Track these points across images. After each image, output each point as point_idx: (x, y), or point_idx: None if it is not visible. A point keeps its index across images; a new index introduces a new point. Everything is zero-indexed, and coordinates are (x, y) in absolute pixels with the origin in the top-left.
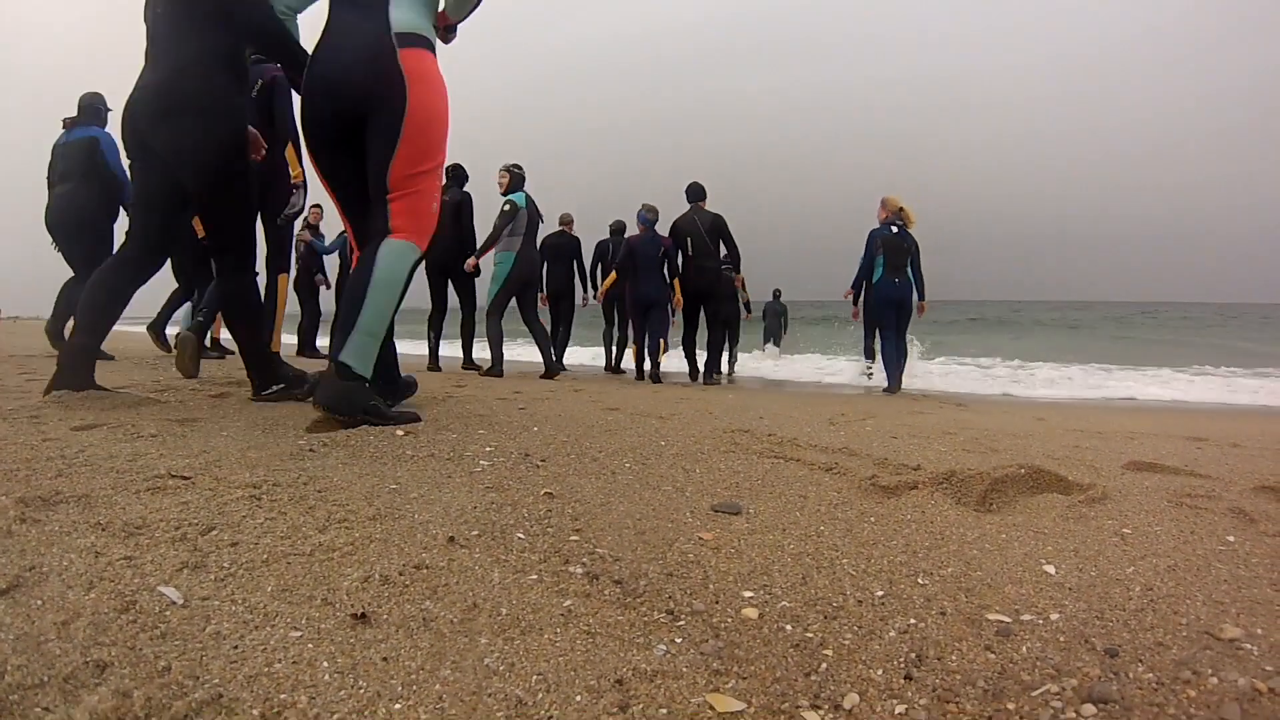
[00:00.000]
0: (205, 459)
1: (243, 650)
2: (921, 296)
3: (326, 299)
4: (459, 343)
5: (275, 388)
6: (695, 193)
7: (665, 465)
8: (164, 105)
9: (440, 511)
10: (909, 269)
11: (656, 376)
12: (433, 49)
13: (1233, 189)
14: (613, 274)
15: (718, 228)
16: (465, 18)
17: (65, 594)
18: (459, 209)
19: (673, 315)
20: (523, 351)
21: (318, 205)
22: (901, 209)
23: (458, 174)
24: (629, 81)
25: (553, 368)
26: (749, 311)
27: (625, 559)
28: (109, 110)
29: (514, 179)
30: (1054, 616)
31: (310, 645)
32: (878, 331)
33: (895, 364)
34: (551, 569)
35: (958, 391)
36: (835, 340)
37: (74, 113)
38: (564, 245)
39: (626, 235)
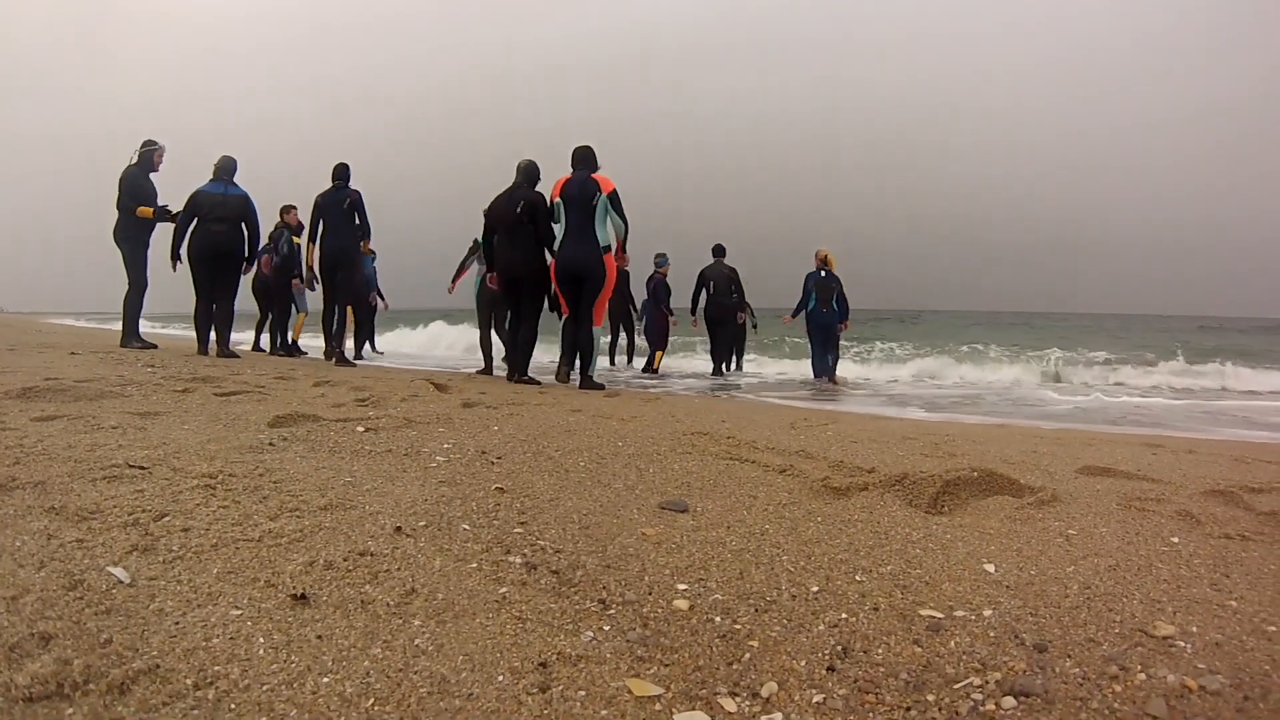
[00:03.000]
0: (164, 450)
1: (183, 626)
2: (844, 318)
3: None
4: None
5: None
6: (718, 250)
7: (620, 464)
8: (521, 265)
9: (391, 503)
10: (834, 300)
11: (653, 366)
12: (610, 249)
13: (1232, 197)
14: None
15: (733, 277)
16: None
17: (16, 572)
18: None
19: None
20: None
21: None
22: (826, 257)
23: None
24: (600, 80)
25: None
26: (755, 329)
27: (566, 551)
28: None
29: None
30: (987, 613)
31: (249, 623)
32: (818, 346)
33: (831, 367)
34: (492, 558)
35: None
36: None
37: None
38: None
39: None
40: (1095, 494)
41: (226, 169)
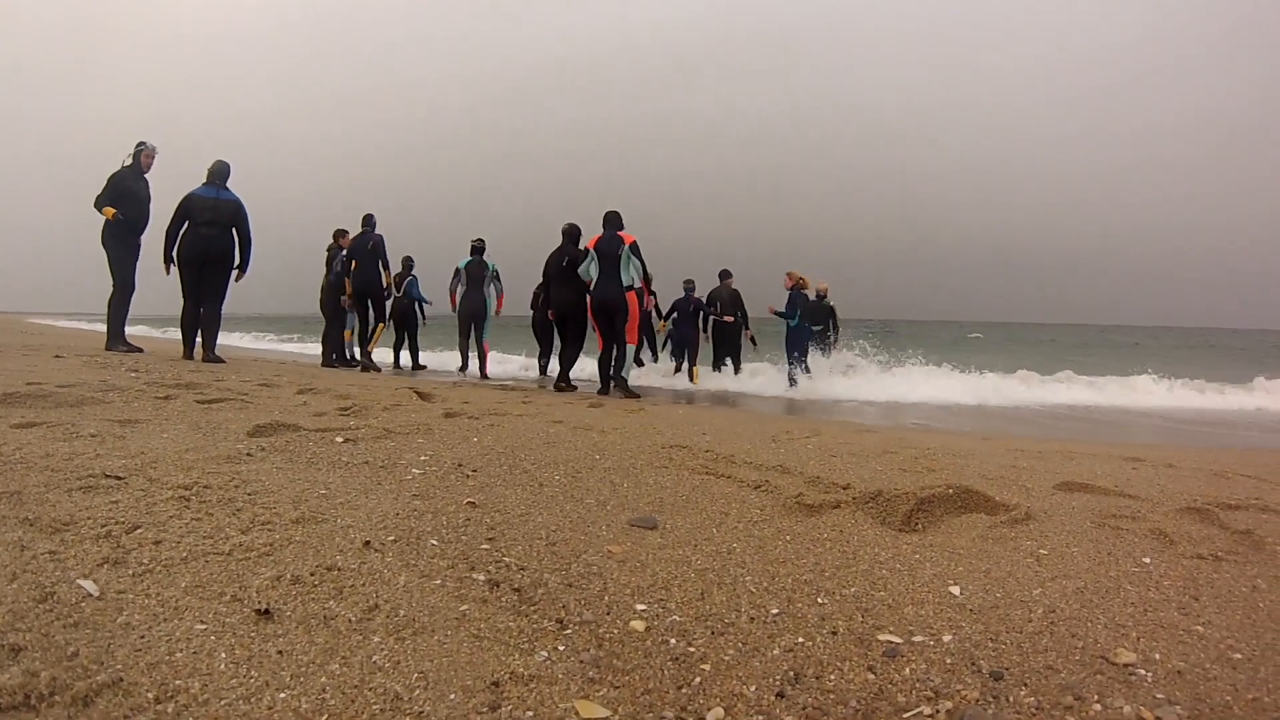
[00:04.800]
0: (141, 460)
1: (148, 640)
2: (816, 329)
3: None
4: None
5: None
6: (724, 274)
7: (594, 479)
8: (569, 304)
9: (363, 517)
10: (797, 315)
11: (691, 379)
12: (633, 288)
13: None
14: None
15: (737, 299)
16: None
17: None
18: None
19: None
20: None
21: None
22: (801, 279)
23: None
24: (583, 99)
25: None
26: (754, 345)
27: (530, 568)
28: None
29: (471, 249)
30: (946, 638)
31: (212, 637)
32: (797, 355)
33: (807, 372)
34: (457, 575)
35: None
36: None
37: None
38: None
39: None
40: (1070, 512)
41: (220, 173)
